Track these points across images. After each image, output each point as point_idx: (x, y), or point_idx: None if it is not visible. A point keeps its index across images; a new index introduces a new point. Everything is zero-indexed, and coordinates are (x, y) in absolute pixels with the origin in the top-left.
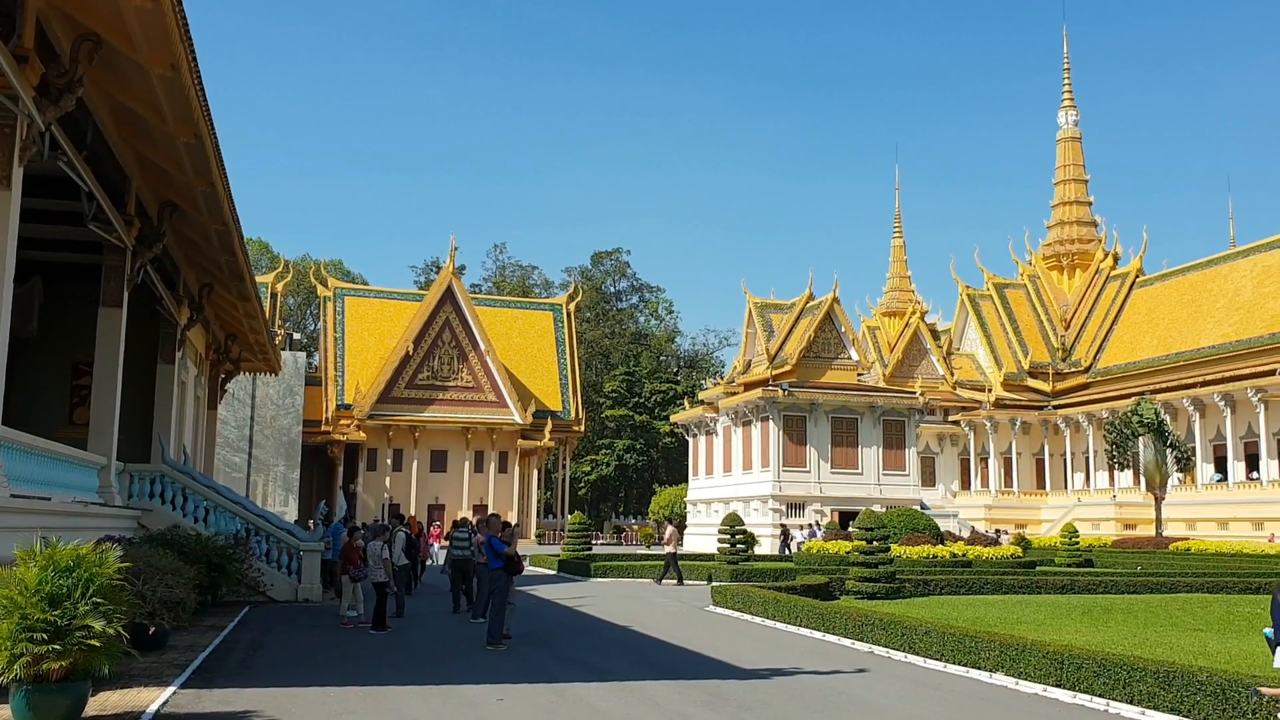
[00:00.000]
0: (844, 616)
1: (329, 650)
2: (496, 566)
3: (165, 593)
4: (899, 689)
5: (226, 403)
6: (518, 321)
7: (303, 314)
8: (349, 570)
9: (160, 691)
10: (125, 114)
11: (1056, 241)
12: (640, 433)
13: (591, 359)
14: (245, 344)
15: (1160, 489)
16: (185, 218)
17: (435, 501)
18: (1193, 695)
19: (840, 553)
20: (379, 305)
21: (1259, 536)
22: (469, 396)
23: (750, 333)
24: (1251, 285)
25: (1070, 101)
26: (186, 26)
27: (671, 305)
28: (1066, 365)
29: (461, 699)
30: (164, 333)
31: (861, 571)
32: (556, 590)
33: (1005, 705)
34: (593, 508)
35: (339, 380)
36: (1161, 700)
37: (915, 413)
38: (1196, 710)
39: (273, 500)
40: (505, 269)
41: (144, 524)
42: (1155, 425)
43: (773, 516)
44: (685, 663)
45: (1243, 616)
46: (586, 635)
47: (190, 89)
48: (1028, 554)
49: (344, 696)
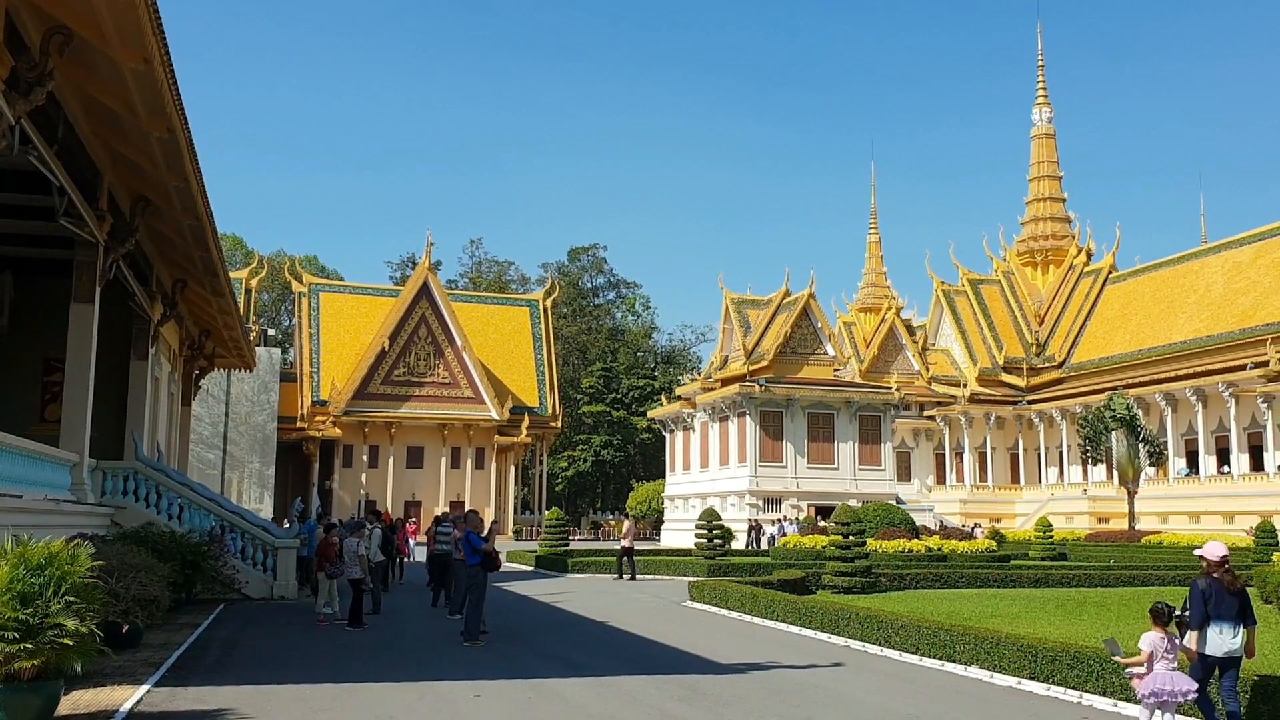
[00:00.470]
0: (820, 611)
1: (305, 648)
2: (474, 563)
3: (139, 590)
4: (875, 683)
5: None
6: (494, 317)
7: (278, 310)
8: (325, 567)
9: (134, 690)
10: (97, 108)
11: (1031, 238)
12: (617, 429)
13: (569, 355)
14: (219, 340)
15: (1133, 483)
16: (158, 213)
17: (412, 498)
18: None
19: (817, 547)
20: (354, 301)
21: (1230, 529)
22: (445, 393)
23: (727, 328)
24: (1222, 281)
25: (1044, 99)
26: (159, 20)
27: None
28: (1040, 360)
29: (438, 695)
30: (137, 329)
31: (838, 566)
32: (533, 586)
33: (980, 698)
34: (570, 504)
35: (314, 376)
36: (1134, 693)
37: (891, 408)
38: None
39: (248, 497)
40: (482, 265)
41: (117, 521)
42: (1128, 420)
43: (750, 512)
44: (662, 658)
45: None
46: (564, 631)
47: (163, 83)
48: (1002, 548)
49: (320, 694)
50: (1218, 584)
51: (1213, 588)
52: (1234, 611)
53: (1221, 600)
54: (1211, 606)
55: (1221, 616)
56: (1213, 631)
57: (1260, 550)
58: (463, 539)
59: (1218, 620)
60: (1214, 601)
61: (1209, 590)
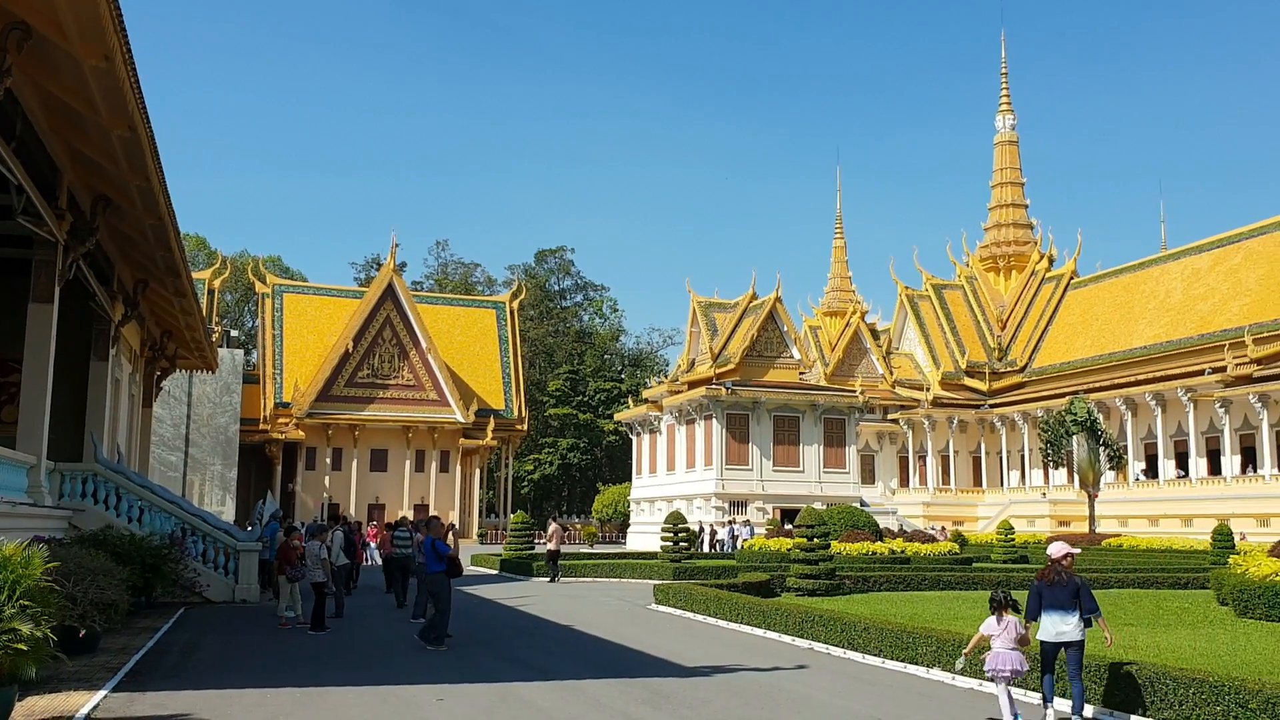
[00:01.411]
0: (785, 614)
1: (266, 651)
2: (437, 570)
3: (97, 594)
4: (838, 685)
5: (162, 401)
6: (460, 319)
7: (241, 311)
8: (286, 570)
9: (90, 695)
10: (57, 105)
11: (994, 243)
12: (584, 431)
13: (535, 357)
14: (181, 341)
15: (1093, 487)
16: (120, 212)
17: (375, 501)
18: (1122, 689)
19: (782, 550)
20: (318, 302)
21: (1189, 533)
22: (410, 395)
23: (694, 332)
24: (1182, 287)
25: (1008, 105)
26: (120, 17)
27: (616, 304)
28: (1003, 365)
29: (401, 699)
30: (97, 329)
31: (802, 569)
32: (498, 590)
33: (941, 700)
34: (536, 507)
35: (277, 378)
36: (1092, 693)
37: (855, 411)
38: (1126, 704)
39: (210, 500)
40: (448, 266)
41: (76, 524)
42: (1088, 424)
43: (716, 514)
44: (627, 661)
45: (1171, 611)
46: (528, 635)
47: (125, 81)
48: (964, 550)
49: (281, 698)
50: (1051, 578)
51: (1044, 582)
52: (1065, 601)
53: (1055, 592)
54: (1045, 598)
55: (1054, 606)
56: (1047, 619)
57: (1217, 553)
58: (425, 545)
59: (1051, 610)
60: (1046, 593)
61: (1042, 584)
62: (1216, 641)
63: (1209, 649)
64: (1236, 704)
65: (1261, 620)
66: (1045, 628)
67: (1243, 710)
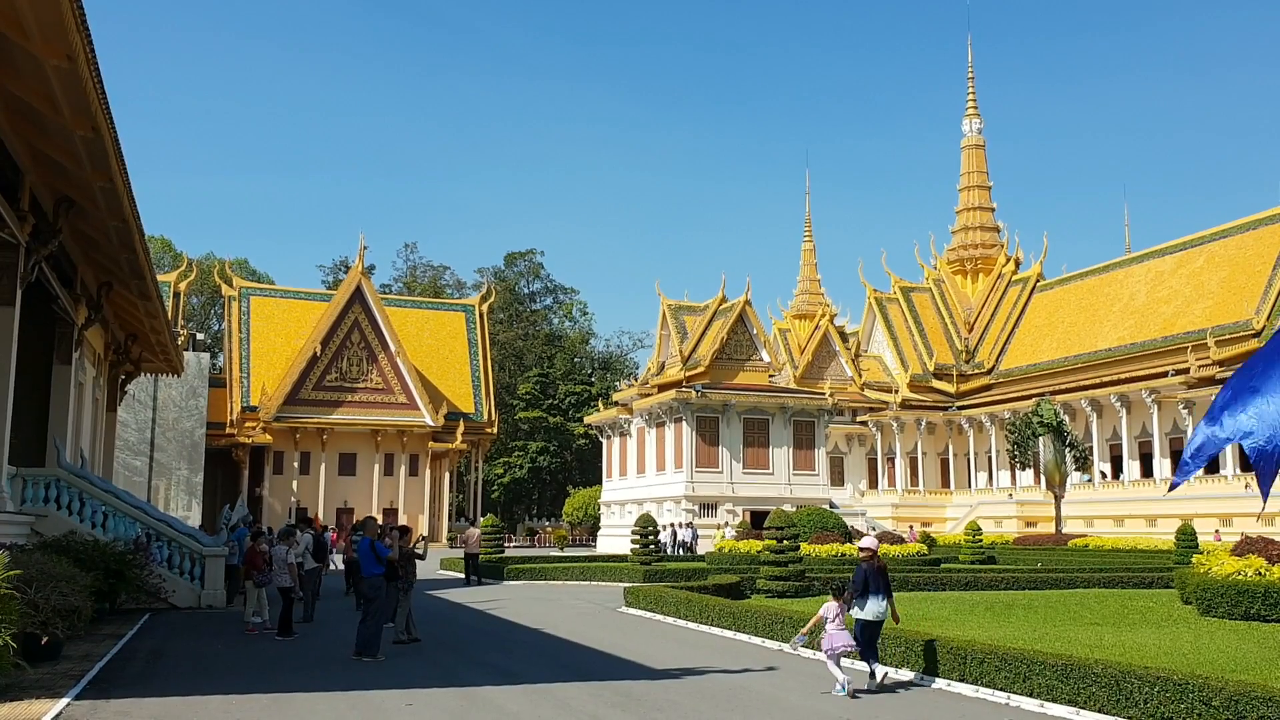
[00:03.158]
0: (754, 615)
1: (233, 657)
2: (374, 573)
3: (59, 601)
4: (807, 686)
5: (126, 405)
6: (429, 322)
7: (207, 314)
8: (253, 575)
9: (53, 704)
10: (18, 105)
11: (961, 246)
12: (554, 434)
13: (505, 360)
14: (146, 344)
15: (1060, 487)
16: (83, 214)
17: (344, 505)
18: (1089, 687)
19: (752, 552)
20: (286, 305)
21: (1154, 533)
22: (379, 398)
23: (664, 334)
24: (1145, 290)
25: (974, 110)
26: (83, 16)
27: (586, 307)
28: (970, 367)
29: (370, 705)
30: (60, 332)
31: (772, 570)
32: (468, 594)
33: (910, 700)
34: (506, 510)
35: (244, 382)
36: (1060, 693)
37: (825, 413)
38: (1092, 702)
39: (175, 505)
40: (416, 269)
41: (38, 530)
42: (1054, 425)
43: (686, 517)
44: (597, 664)
45: (1136, 610)
46: (498, 639)
47: (88, 81)
48: (933, 551)
49: (249, 705)
50: (870, 567)
51: (867, 570)
52: (881, 586)
53: (874, 579)
54: (870, 583)
55: (876, 591)
56: (872, 601)
57: (1181, 552)
58: (362, 546)
59: (875, 594)
60: (870, 579)
61: (867, 571)
62: (1181, 640)
63: (1173, 647)
64: (1200, 701)
65: (1224, 619)
66: (869, 608)
67: (1206, 708)
